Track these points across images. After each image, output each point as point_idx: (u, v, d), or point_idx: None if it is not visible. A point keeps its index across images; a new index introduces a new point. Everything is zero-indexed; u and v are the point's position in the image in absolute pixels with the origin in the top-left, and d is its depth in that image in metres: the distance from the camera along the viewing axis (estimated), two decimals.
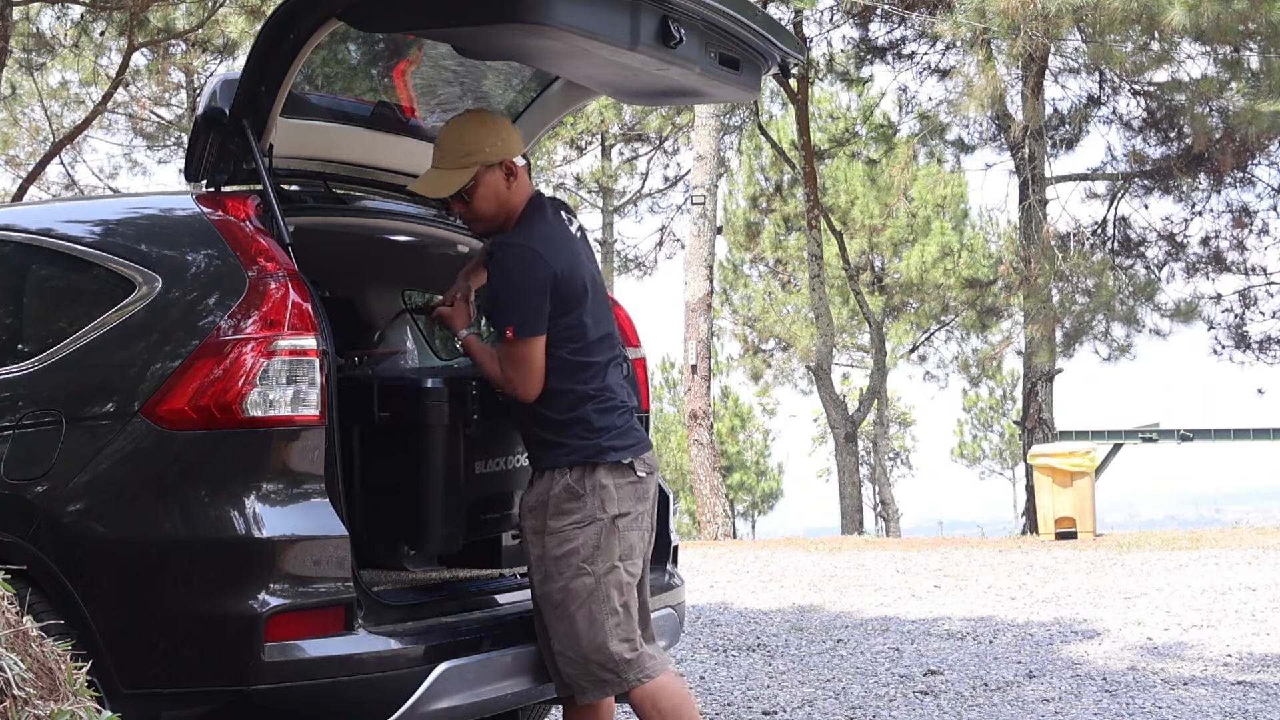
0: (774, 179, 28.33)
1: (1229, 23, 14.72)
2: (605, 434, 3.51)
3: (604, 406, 3.54)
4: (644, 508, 3.58)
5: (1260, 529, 13.63)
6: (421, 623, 3.48)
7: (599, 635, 3.46)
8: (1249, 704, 5.43)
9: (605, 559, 3.47)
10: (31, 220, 4.03)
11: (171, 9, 17.90)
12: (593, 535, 3.47)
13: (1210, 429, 23.78)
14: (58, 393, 3.49)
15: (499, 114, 3.67)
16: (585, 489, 3.48)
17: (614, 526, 3.49)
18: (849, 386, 33.87)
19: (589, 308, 3.57)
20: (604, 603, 3.46)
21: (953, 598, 9.03)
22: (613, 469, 3.51)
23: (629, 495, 3.52)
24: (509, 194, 3.60)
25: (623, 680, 3.47)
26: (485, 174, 3.57)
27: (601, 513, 3.48)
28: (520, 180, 3.62)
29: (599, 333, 3.59)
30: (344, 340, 4.23)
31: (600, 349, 3.58)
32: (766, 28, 3.78)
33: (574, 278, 3.54)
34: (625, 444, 3.54)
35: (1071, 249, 18.77)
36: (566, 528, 3.49)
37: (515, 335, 3.46)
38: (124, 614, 3.27)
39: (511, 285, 3.48)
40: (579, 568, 3.47)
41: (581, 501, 3.48)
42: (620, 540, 3.50)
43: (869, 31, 21.43)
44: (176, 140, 23.60)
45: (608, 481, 3.49)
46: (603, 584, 3.46)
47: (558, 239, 3.59)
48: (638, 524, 3.55)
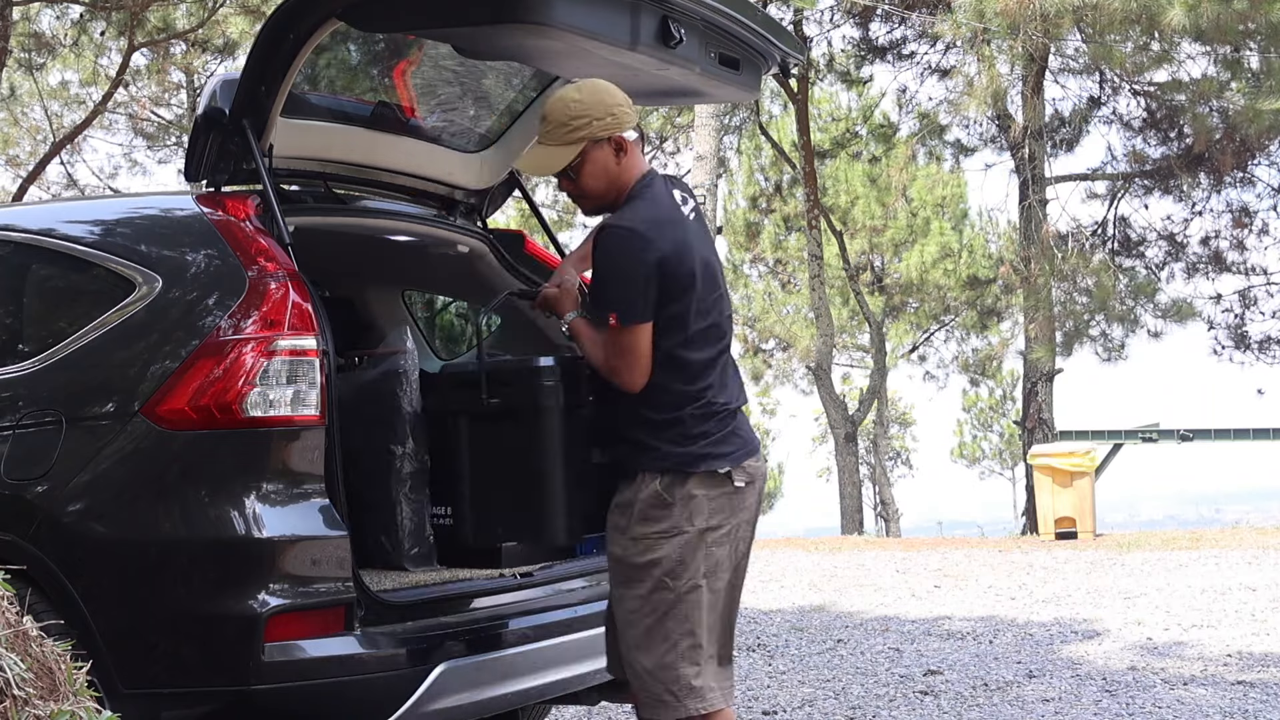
0: (774, 179, 28.32)
1: (1229, 23, 14.72)
2: (702, 440, 3.26)
3: (704, 410, 3.28)
4: (739, 519, 3.32)
5: (1260, 529, 13.63)
6: (421, 623, 3.48)
7: (668, 655, 3.25)
8: (1249, 704, 5.43)
9: (689, 575, 3.24)
10: (32, 220, 4.03)
11: (171, 9, 17.89)
12: (677, 548, 3.23)
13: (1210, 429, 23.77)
14: (58, 393, 3.49)
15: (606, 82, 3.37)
16: (674, 498, 3.24)
17: (701, 541, 3.25)
18: (849, 386, 33.87)
19: (697, 296, 3.28)
20: (681, 622, 3.24)
21: (953, 598, 9.03)
22: (706, 479, 3.25)
23: (722, 507, 3.28)
24: (618, 171, 3.31)
25: (681, 706, 3.25)
26: (593, 150, 3.29)
27: (689, 525, 3.24)
28: (631, 156, 3.31)
29: (705, 324, 3.31)
30: (344, 340, 4.24)
31: (706, 343, 3.31)
32: (766, 28, 3.78)
33: (682, 263, 3.25)
34: (723, 452, 3.28)
35: (1071, 249, 18.77)
36: (651, 536, 3.25)
37: (619, 322, 3.20)
38: (124, 614, 3.27)
39: (615, 270, 3.22)
40: (659, 581, 3.24)
41: (669, 511, 3.24)
42: (707, 556, 3.26)
43: (869, 31, 21.43)
44: (176, 140, 23.58)
45: (699, 492, 3.25)
46: (683, 601, 3.24)
47: (666, 221, 3.29)
48: (729, 538, 3.30)
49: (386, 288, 5.08)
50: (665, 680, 3.26)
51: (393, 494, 4.16)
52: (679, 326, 3.26)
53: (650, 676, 3.27)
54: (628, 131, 3.30)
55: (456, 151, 4.44)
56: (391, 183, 4.30)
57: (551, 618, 3.80)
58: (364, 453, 4.06)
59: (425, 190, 4.41)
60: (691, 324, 3.28)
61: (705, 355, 3.31)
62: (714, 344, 3.34)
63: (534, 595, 3.90)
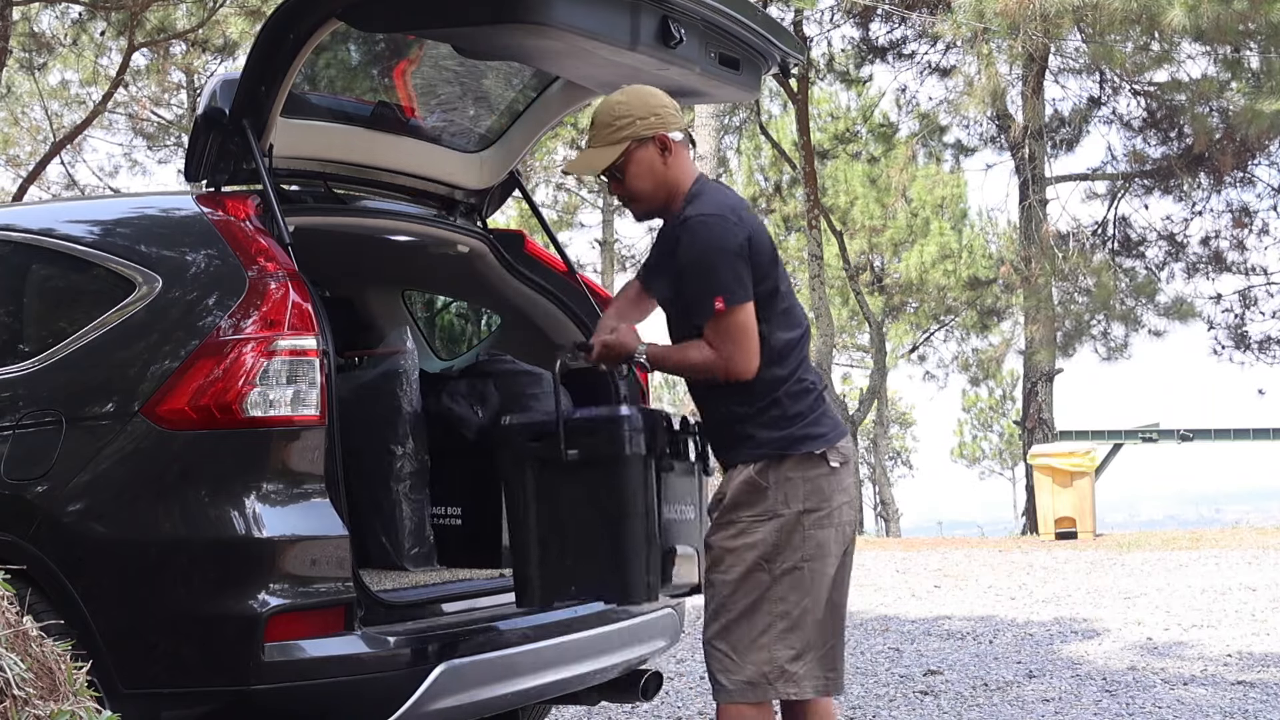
0: (774, 179, 28.33)
1: (1229, 23, 14.73)
2: (797, 422, 3.22)
3: (797, 390, 3.24)
4: (838, 501, 3.25)
5: (1260, 529, 13.64)
6: (421, 623, 3.48)
7: (762, 637, 3.19)
8: (1249, 704, 5.43)
9: (786, 558, 3.18)
10: (32, 220, 4.03)
11: (171, 9, 17.89)
12: (773, 531, 3.19)
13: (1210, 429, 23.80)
14: (58, 393, 3.49)
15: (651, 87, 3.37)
16: (769, 481, 3.20)
17: (799, 523, 3.19)
18: (849, 386, 33.90)
19: (778, 278, 3.27)
20: (776, 603, 3.18)
21: (953, 598, 9.03)
22: (802, 461, 3.21)
23: (819, 489, 3.21)
24: (665, 170, 3.29)
25: (772, 689, 3.19)
26: (637, 150, 3.27)
27: (785, 508, 3.19)
28: (679, 157, 3.29)
29: (786, 305, 3.28)
30: (344, 340, 4.24)
31: (791, 324, 3.28)
32: (766, 28, 3.78)
33: (763, 244, 3.25)
34: (818, 432, 3.24)
35: (1072, 249, 18.77)
36: (746, 519, 3.21)
37: (726, 305, 3.15)
38: (124, 614, 3.26)
39: (710, 255, 3.17)
40: (755, 563, 3.19)
41: (764, 494, 3.20)
42: (806, 539, 3.19)
43: (869, 31, 21.44)
44: (176, 140, 23.59)
45: (795, 474, 3.20)
46: (779, 584, 3.18)
47: (741, 205, 3.30)
48: (830, 521, 3.22)
49: (386, 288, 5.08)
50: (757, 662, 3.19)
51: (393, 494, 4.16)
52: (768, 307, 3.24)
53: (741, 659, 3.20)
54: (674, 132, 3.28)
55: (456, 151, 4.44)
56: (391, 183, 4.30)
57: (551, 618, 3.80)
58: (364, 453, 4.06)
59: (425, 190, 4.41)
60: (778, 305, 3.26)
61: (792, 335, 3.29)
62: (796, 326, 3.31)
63: None
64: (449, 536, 4.28)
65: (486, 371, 4.39)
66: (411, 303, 5.25)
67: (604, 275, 27.81)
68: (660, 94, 3.34)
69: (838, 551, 3.25)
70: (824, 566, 3.21)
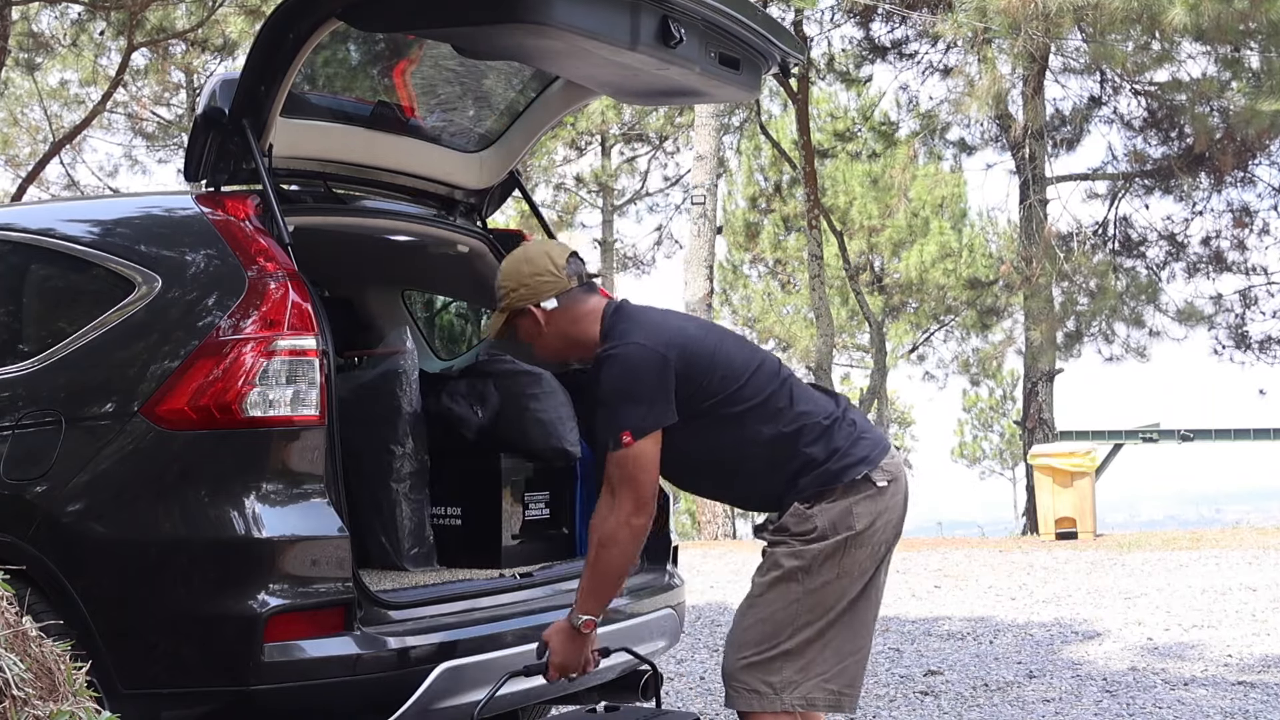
0: (774, 179, 28.32)
1: (1229, 22, 14.73)
2: (834, 457, 3.26)
3: (815, 434, 3.27)
4: (882, 520, 3.28)
5: (1260, 529, 13.63)
6: (421, 623, 3.48)
7: (772, 649, 3.23)
8: (1249, 704, 5.43)
9: (819, 575, 3.23)
10: (31, 220, 4.03)
11: (171, 9, 17.91)
12: (818, 551, 3.23)
13: (1210, 429, 23.80)
14: (57, 393, 3.49)
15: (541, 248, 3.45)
16: (816, 510, 3.25)
17: (842, 544, 3.23)
18: (849, 386, 33.88)
19: (728, 354, 3.31)
20: (799, 614, 3.22)
21: (953, 598, 9.03)
22: (848, 488, 3.25)
23: (866, 511, 3.26)
24: (548, 332, 3.38)
25: (778, 699, 3.21)
26: (517, 318, 3.39)
27: (833, 532, 3.23)
28: (558, 318, 3.35)
29: (750, 369, 3.30)
30: (344, 340, 4.24)
31: (765, 378, 3.31)
32: (766, 27, 3.78)
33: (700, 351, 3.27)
34: (858, 457, 3.27)
35: (1074, 249, 18.77)
36: (794, 540, 3.26)
37: (634, 438, 3.16)
38: (124, 614, 3.26)
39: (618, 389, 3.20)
40: (790, 573, 3.24)
41: (812, 523, 3.24)
42: (844, 557, 3.23)
43: (870, 31, 21.43)
44: (176, 140, 23.60)
45: (841, 501, 3.25)
46: (808, 599, 3.23)
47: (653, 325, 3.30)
48: (870, 539, 3.26)
49: (386, 288, 5.07)
50: (761, 673, 3.22)
51: (393, 494, 4.16)
52: (724, 388, 3.25)
53: (749, 670, 3.24)
54: (546, 301, 3.34)
55: (456, 151, 4.44)
56: (391, 183, 4.29)
57: (551, 618, 3.79)
58: (364, 453, 4.06)
59: (425, 190, 4.41)
60: (737, 380, 3.27)
61: (771, 389, 3.30)
62: (771, 380, 3.32)
63: (534, 595, 3.90)
64: (449, 536, 4.28)
65: (486, 371, 4.38)
66: (411, 303, 5.25)
67: (604, 275, 27.82)
68: (541, 259, 3.37)
69: (869, 568, 3.29)
70: (851, 583, 3.26)
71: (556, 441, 4.26)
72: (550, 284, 3.37)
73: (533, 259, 3.41)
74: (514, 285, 3.38)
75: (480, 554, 4.19)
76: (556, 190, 28.40)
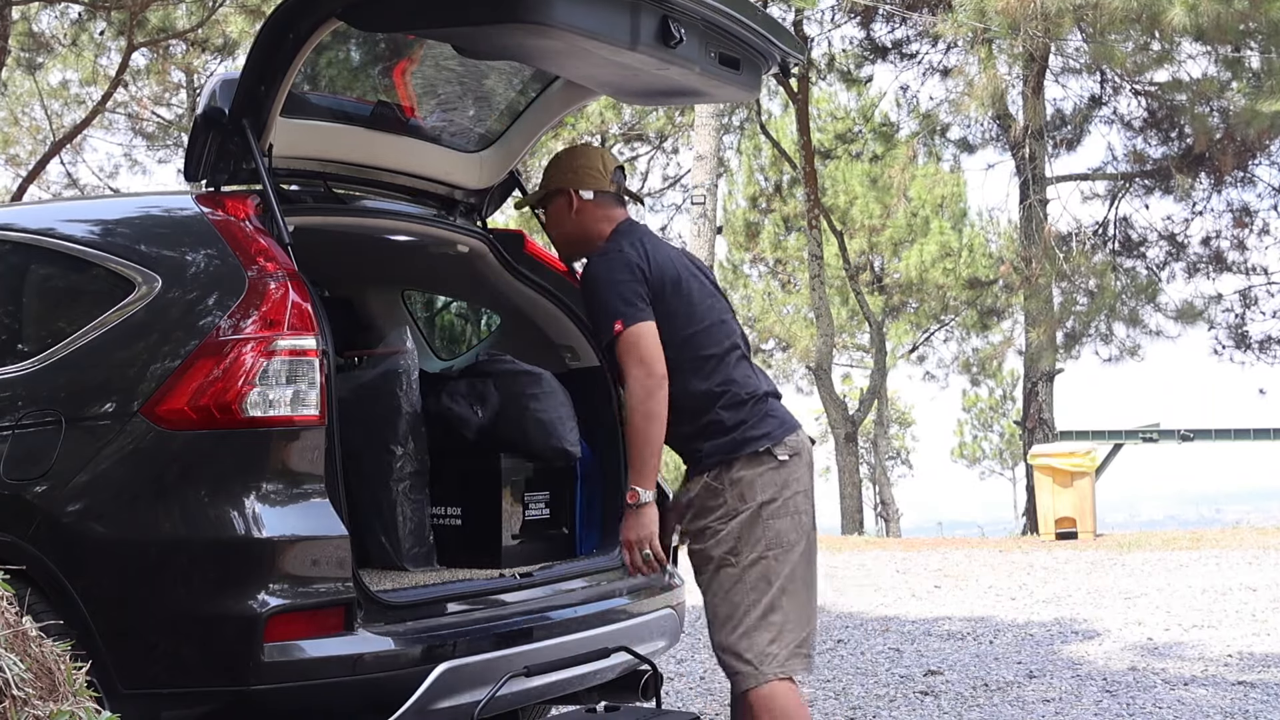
0: (774, 179, 28.31)
1: (1229, 22, 14.73)
2: (738, 429, 3.51)
3: (732, 402, 3.53)
4: (791, 491, 3.52)
5: (1260, 529, 13.63)
6: (421, 623, 3.48)
7: (740, 626, 3.46)
8: (1249, 704, 5.43)
9: (750, 550, 3.47)
10: (31, 220, 4.03)
11: (171, 8, 17.90)
12: (735, 528, 3.48)
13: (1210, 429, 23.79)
14: (57, 393, 3.49)
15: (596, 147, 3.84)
16: (723, 484, 3.50)
17: (758, 516, 3.48)
18: (849, 386, 33.87)
19: (687, 298, 3.58)
20: (748, 593, 3.46)
21: (953, 598, 9.03)
22: (749, 460, 3.50)
23: (772, 481, 3.50)
24: (573, 221, 3.74)
25: (759, 673, 3.44)
26: (555, 198, 3.76)
27: (741, 504, 3.48)
28: (587, 213, 3.72)
29: (705, 324, 3.59)
30: (344, 340, 4.23)
31: (712, 342, 3.59)
32: (766, 27, 3.78)
33: (661, 268, 3.57)
34: (760, 433, 3.52)
35: (1073, 249, 18.77)
36: (712, 524, 3.51)
37: (625, 325, 3.46)
38: (124, 614, 3.26)
39: (601, 285, 3.53)
40: (722, 559, 3.48)
41: (721, 497, 3.50)
42: (766, 529, 3.47)
43: (871, 31, 21.43)
44: (176, 140, 23.59)
45: (744, 473, 3.49)
46: (747, 575, 3.46)
47: (641, 237, 3.65)
48: (786, 510, 3.50)
49: (386, 288, 5.07)
50: (740, 649, 3.45)
51: (393, 494, 4.16)
52: (679, 326, 3.53)
53: (728, 650, 3.48)
54: (585, 191, 3.72)
55: (456, 151, 4.43)
56: (391, 183, 4.29)
57: (551, 618, 3.80)
58: (364, 453, 4.06)
59: (425, 190, 4.41)
60: (690, 324, 3.56)
61: (714, 352, 3.57)
62: (720, 343, 3.59)
63: (534, 595, 3.90)
64: (449, 536, 4.28)
65: (486, 371, 4.39)
66: (411, 303, 5.25)
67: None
68: (595, 156, 3.80)
69: (797, 539, 3.52)
70: (788, 554, 3.49)
71: (556, 441, 4.26)
72: (594, 179, 3.75)
73: (588, 153, 3.84)
74: (565, 169, 3.76)
75: (480, 554, 4.19)
76: None
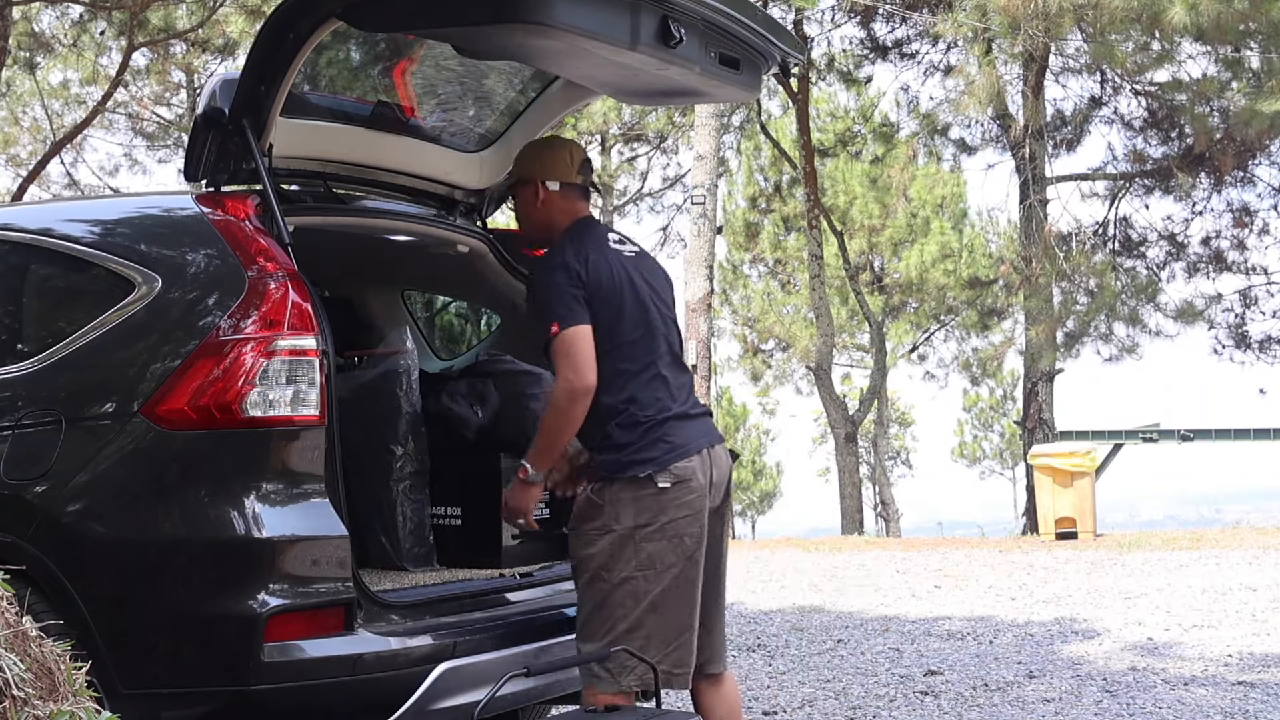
0: (774, 179, 28.30)
1: (1229, 22, 14.72)
2: (625, 450, 3.52)
3: (627, 422, 3.54)
4: (671, 516, 3.51)
5: (1260, 529, 13.63)
6: (421, 623, 3.48)
7: (605, 638, 3.49)
8: (1249, 704, 5.43)
9: (620, 569, 3.49)
10: (31, 220, 4.03)
11: (171, 9, 17.89)
12: (608, 545, 3.50)
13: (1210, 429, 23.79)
14: (57, 393, 3.49)
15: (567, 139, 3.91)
16: (603, 500, 3.52)
17: (630, 537, 3.48)
18: (849, 386, 33.86)
19: (619, 313, 3.59)
20: (615, 609, 3.49)
21: (953, 598, 9.03)
22: (629, 484, 3.51)
23: (648, 507, 3.49)
24: (537, 211, 3.78)
25: (615, 682, 3.48)
26: (522, 186, 3.80)
27: (616, 524, 3.50)
28: (551, 204, 3.76)
29: (628, 340, 3.60)
30: (344, 340, 4.23)
31: (629, 358, 3.59)
32: (767, 27, 3.78)
33: (604, 276, 3.60)
34: (644, 458, 3.52)
35: (1073, 249, 18.77)
36: (589, 532, 3.54)
37: (560, 328, 3.50)
38: (124, 614, 3.26)
39: (542, 287, 3.59)
40: (595, 573, 3.52)
41: (600, 510, 3.52)
42: (638, 550, 3.48)
43: (871, 31, 21.42)
44: (176, 140, 23.58)
45: (623, 494, 3.51)
46: (617, 591, 3.49)
47: (589, 242, 3.67)
48: (663, 534, 3.49)
49: (386, 288, 5.07)
50: (599, 657, 3.50)
51: (393, 494, 4.16)
52: (600, 338, 3.55)
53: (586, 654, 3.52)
54: (551, 183, 3.75)
55: (456, 151, 4.43)
56: (391, 183, 4.29)
57: (552, 618, 3.80)
58: (364, 453, 4.06)
59: (425, 190, 4.41)
60: (612, 338, 3.57)
61: (629, 368, 3.59)
62: (638, 359, 3.62)
63: (534, 595, 3.90)
64: (449, 536, 4.28)
65: (486, 371, 4.39)
66: (411, 303, 5.25)
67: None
68: (563, 148, 3.84)
69: (675, 562, 3.51)
70: (659, 577, 3.50)
71: None
72: (561, 170, 3.80)
73: (555, 145, 3.91)
74: (534, 160, 3.83)
75: (480, 554, 4.19)
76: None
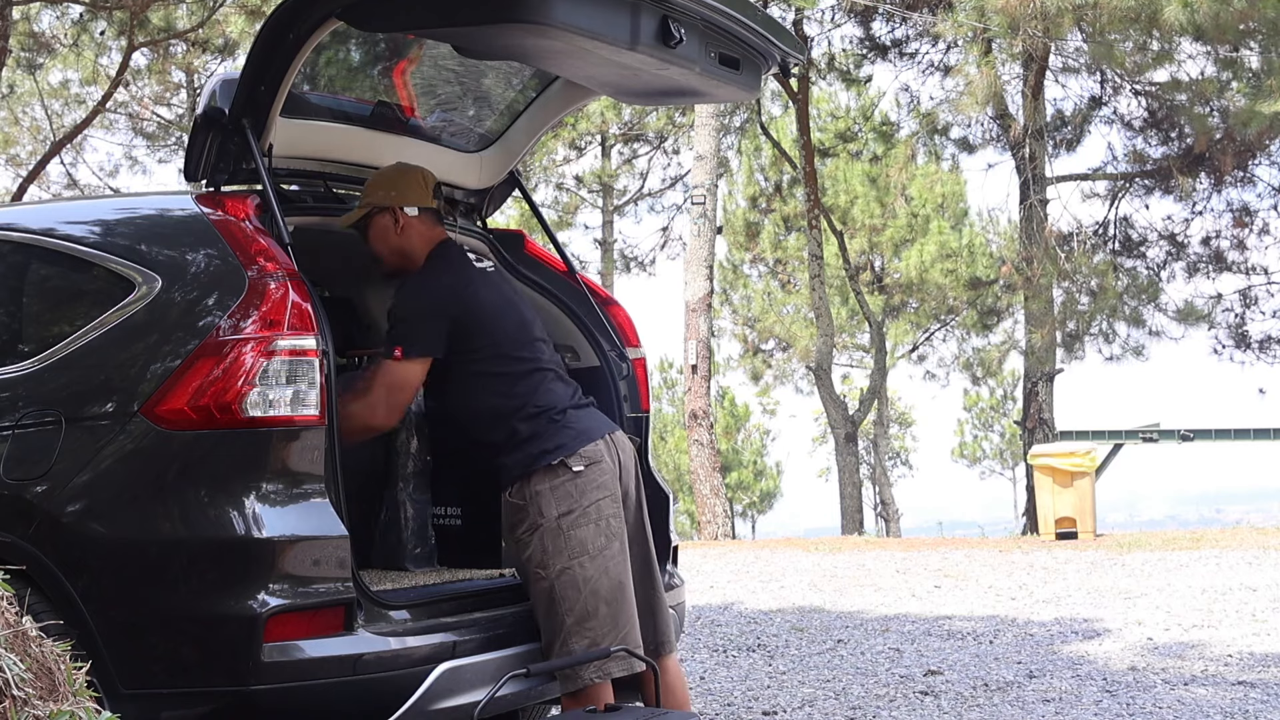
0: (774, 179, 28.31)
1: (1228, 21, 14.72)
2: (533, 442, 3.63)
3: (528, 414, 3.66)
4: (591, 499, 3.62)
5: (1260, 529, 13.63)
6: (421, 623, 3.48)
7: (558, 633, 3.57)
8: (1249, 704, 5.43)
9: (556, 561, 3.57)
10: (31, 220, 4.03)
11: (172, 9, 17.90)
12: (539, 541, 3.59)
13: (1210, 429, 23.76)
14: (58, 393, 3.49)
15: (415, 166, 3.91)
16: (525, 499, 3.62)
17: (558, 528, 3.58)
18: (849, 386, 33.87)
19: (493, 325, 3.71)
20: (559, 603, 3.57)
21: (953, 598, 9.03)
22: (544, 474, 3.61)
23: (568, 493, 3.60)
24: (397, 239, 3.80)
25: (580, 679, 3.55)
26: (377, 216, 3.79)
27: (541, 518, 3.59)
28: (411, 229, 3.79)
29: (509, 347, 3.71)
30: (344, 340, 4.23)
31: (515, 361, 3.71)
32: (766, 27, 3.78)
33: (466, 304, 3.69)
34: (552, 446, 3.63)
35: (1074, 249, 18.77)
36: (520, 538, 3.64)
37: (404, 355, 3.63)
38: (124, 614, 3.26)
39: (403, 309, 3.70)
40: (535, 573, 3.61)
41: (524, 511, 3.62)
42: (567, 539, 3.58)
43: (871, 31, 21.42)
44: (176, 140, 23.60)
45: (541, 487, 3.61)
46: (557, 585, 3.57)
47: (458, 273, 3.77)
48: (588, 518, 3.60)
49: (386, 288, 5.07)
50: (559, 655, 3.57)
51: (393, 494, 4.16)
52: (480, 349, 3.68)
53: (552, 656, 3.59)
54: (409, 208, 3.78)
55: (456, 151, 4.43)
56: None
57: None
58: (364, 453, 4.06)
59: None
60: (494, 348, 3.69)
61: (515, 370, 3.71)
62: (525, 362, 3.73)
63: None
64: (449, 536, 4.28)
65: None
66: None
67: (604, 275, 27.80)
68: (416, 173, 3.85)
69: (605, 544, 3.62)
70: (594, 560, 3.59)
71: None
72: (417, 195, 3.82)
73: (408, 171, 3.89)
74: (387, 186, 3.81)
75: (480, 554, 4.20)
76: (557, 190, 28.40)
